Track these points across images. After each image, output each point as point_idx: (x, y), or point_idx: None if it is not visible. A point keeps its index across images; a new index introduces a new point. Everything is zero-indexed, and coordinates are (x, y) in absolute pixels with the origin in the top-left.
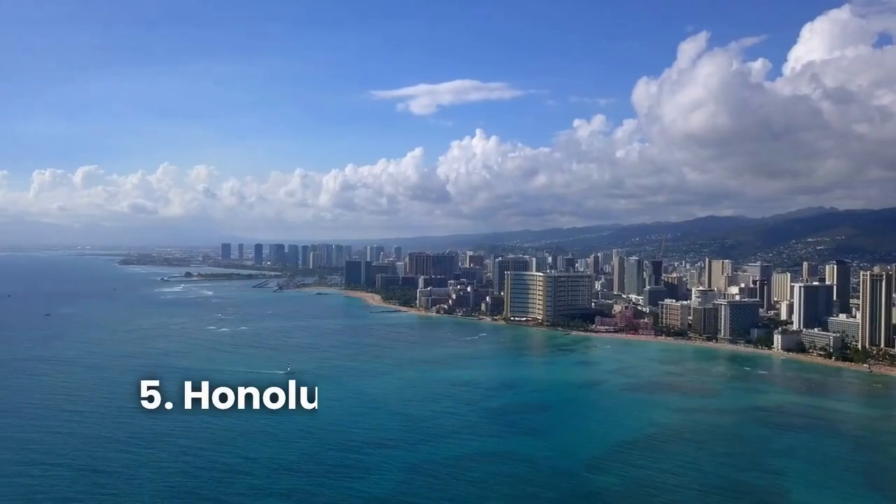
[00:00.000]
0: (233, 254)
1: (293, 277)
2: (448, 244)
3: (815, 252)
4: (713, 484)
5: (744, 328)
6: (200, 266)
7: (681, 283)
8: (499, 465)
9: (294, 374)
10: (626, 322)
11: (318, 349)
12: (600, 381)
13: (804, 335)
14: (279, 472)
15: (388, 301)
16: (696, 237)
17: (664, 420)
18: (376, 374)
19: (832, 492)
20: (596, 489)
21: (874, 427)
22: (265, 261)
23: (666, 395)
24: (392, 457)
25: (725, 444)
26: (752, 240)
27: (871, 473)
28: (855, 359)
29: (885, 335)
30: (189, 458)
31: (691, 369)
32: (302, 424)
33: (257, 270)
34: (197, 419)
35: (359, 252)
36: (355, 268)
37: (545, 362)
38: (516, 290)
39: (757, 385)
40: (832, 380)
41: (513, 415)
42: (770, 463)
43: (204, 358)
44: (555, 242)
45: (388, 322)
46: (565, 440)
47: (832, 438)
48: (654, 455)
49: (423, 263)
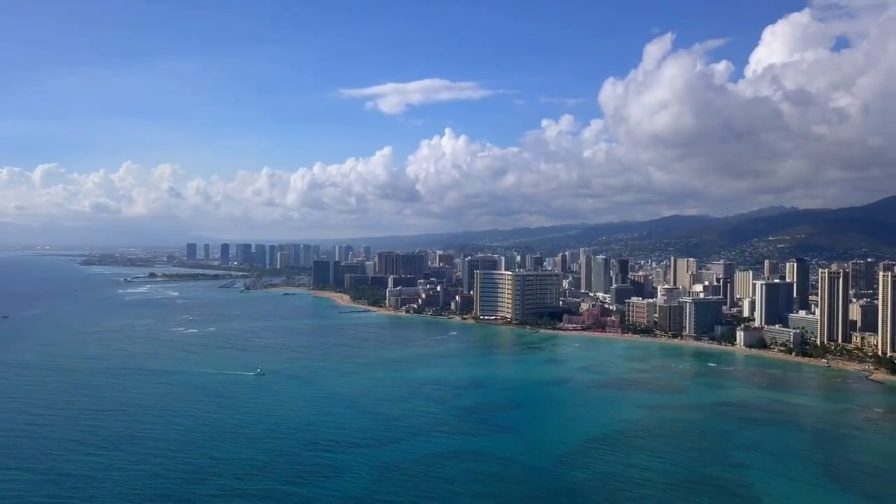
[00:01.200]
0: (199, 254)
1: (260, 278)
2: (418, 243)
3: (776, 250)
4: (680, 478)
5: (708, 325)
6: (165, 266)
7: (647, 281)
8: (470, 462)
9: (264, 374)
10: (594, 320)
11: (288, 350)
12: (569, 379)
13: (766, 332)
14: (249, 472)
15: (357, 301)
16: (661, 236)
17: (632, 416)
18: (347, 373)
19: (793, 483)
20: (566, 485)
21: (833, 420)
22: (232, 261)
23: (633, 391)
24: (363, 456)
25: (691, 438)
26: (716, 238)
27: (830, 465)
28: (814, 354)
29: (843, 331)
30: (157, 460)
31: (657, 366)
32: (272, 424)
33: (224, 271)
34: (165, 420)
35: (327, 252)
36: (324, 267)
37: (514, 360)
38: (486, 289)
39: (721, 381)
40: (792, 375)
41: (483, 413)
42: (734, 456)
43: (172, 359)
44: (523, 241)
45: (358, 322)
46: (535, 437)
47: (793, 432)
48: (623, 450)
49: (393, 263)
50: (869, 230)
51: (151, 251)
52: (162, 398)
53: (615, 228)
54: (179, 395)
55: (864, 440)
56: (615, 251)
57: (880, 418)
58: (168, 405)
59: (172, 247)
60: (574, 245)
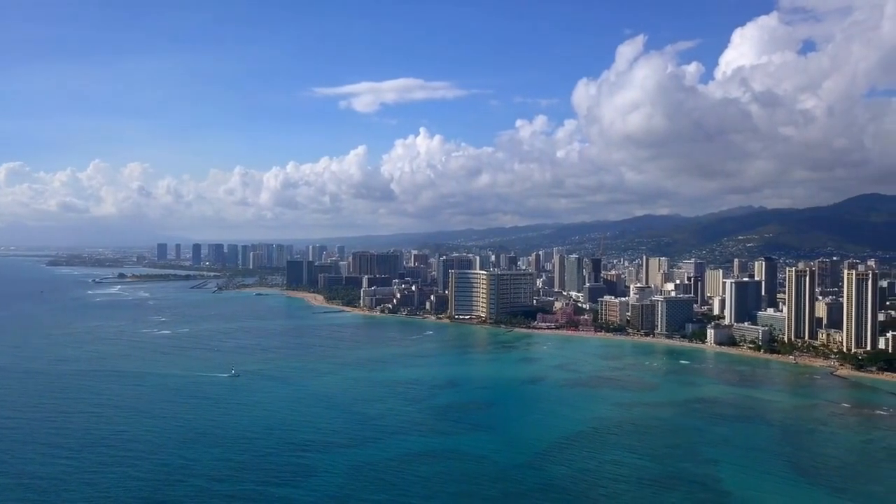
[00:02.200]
0: (169, 254)
1: (233, 278)
2: (392, 243)
3: (746, 249)
4: (653, 473)
5: (679, 323)
6: (135, 267)
7: (619, 280)
8: (445, 462)
9: (239, 376)
10: (567, 319)
11: (263, 351)
12: (543, 377)
13: (735, 329)
14: (223, 474)
15: (331, 301)
16: (633, 235)
17: (605, 414)
18: (322, 374)
19: (762, 478)
20: (540, 483)
21: (800, 415)
22: (204, 261)
23: (606, 389)
24: (339, 456)
25: (663, 435)
26: (687, 238)
27: (798, 459)
28: (782, 351)
29: (809, 328)
30: (128, 462)
31: (630, 364)
32: (247, 425)
33: (195, 271)
34: (137, 422)
35: (301, 251)
36: (297, 267)
37: (489, 359)
38: (460, 288)
39: (692, 378)
40: (761, 371)
41: (458, 412)
42: (705, 452)
43: (145, 361)
44: (498, 241)
45: (332, 322)
46: (510, 435)
47: (762, 427)
48: (596, 447)
49: (367, 263)
50: (834, 229)
51: (121, 251)
52: (134, 400)
53: (588, 228)
54: (152, 397)
55: (829, 434)
56: (588, 250)
57: (846, 413)
58: (141, 407)
59: (142, 247)
60: (548, 244)
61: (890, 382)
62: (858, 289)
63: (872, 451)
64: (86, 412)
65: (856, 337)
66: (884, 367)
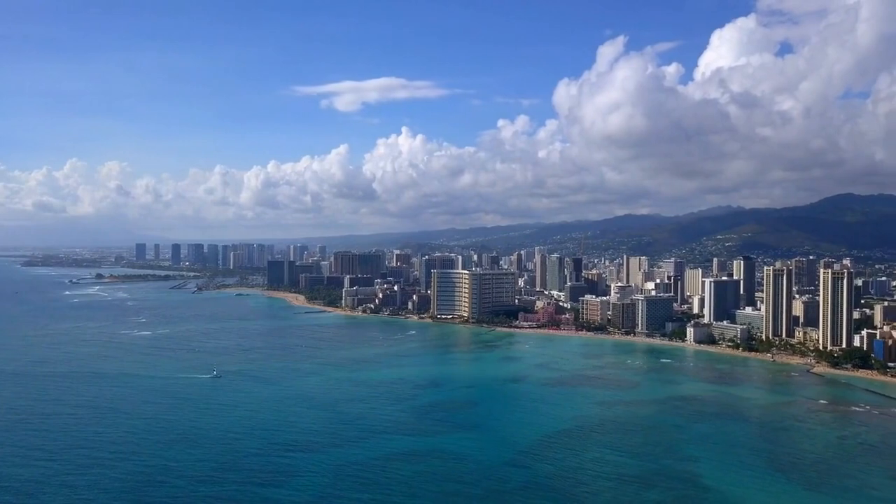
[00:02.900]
0: (148, 254)
1: (213, 278)
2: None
3: (724, 248)
4: (633, 471)
5: (659, 322)
6: (113, 267)
7: (600, 279)
8: (427, 462)
9: (221, 377)
10: (549, 318)
11: (244, 351)
12: (525, 376)
13: (714, 328)
14: (200, 479)
15: (312, 301)
16: (614, 235)
17: (586, 412)
18: (304, 374)
19: (740, 474)
20: (522, 482)
21: (777, 412)
22: (183, 261)
23: (587, 388)
24: (319, 459)
25: (644, 433)
26: (667, 237)
27: (775, 456)
28: (760, 349)
29: (786, 326)
30: (106, 466)
31: (611, 362)
32: (228, 427)
33: (175, 271)
34: (116, 425)
35: (282, 251)
36: (278, 267)
37: (471, 359)
38: (443, 288)
39: (672, 376)
40: (740, 369)
41: (441, 411)
42: (685, 449)
43: (124, 362)
44: (480, 241)
45: (314, 323)
46: (492, 435)
47: (741, 424)
48: (578, 446)
49: (349, 263)
50: (810, 229)
51: (98, 252)
52: (114, 402)
53: (569, 227)
54: (133, 398)
55: (806, 431)
56: (569, 250)
57: (822, 409)
58: (121, 409)
59: (120, 247)
60: (529, 244)
61: (864, 379)
62: (834, 287)
63: (847, 446)
64: (64, 414)
65: (831, 335)
66: (858, 364)
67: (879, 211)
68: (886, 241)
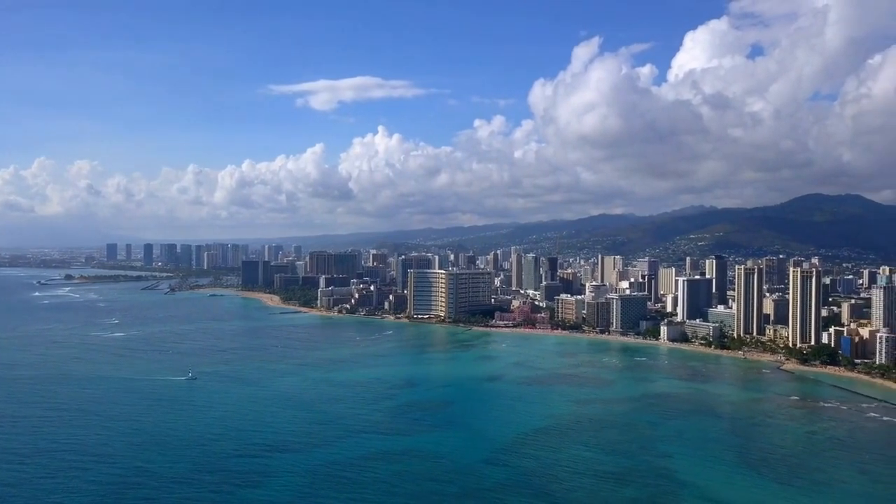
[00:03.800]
0: (120, 255)
1: (186, 279)
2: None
3: (697, 248)
4: (609, 468)
5: (633, 321)
6: (83, 268)
7: (575, 278)
8: (403, 462)
9: (197, 379)
10: (524, 317)
11: (219, 352)
12: (501, 375)
13: (687, 326)
14: (176, 481)
15: (287, 302)
16: (589, 234)
17: (561, 411)
18: (280, 375)
19: (713, 470)
20: (497, 482)
21: (749, 409)
22: (156, 262)
23: (563, 386)
24: (294, 460)
25: (618, 431)
26: (641, 236)
27: (746, 451)
28: (731, 346)
29: (757, 324)
30: (79, 469)
31: (586, 361)
32: (202, 430)
33: (147, 272)
34: (87, 429)
35: (256, 251)
36: (253, 268)
37: (447, 358)
38: (419, 287)
39: (646, 374)
40: (712, 367)
41: (417, 411)
42: (659, 446)
43: (98, 364)
44: (457, 240)
45: (289, 323)
46: (469, 434)
47: (713, 421)
48: (554, 444)
49: (325, 262)
50: (780, 228)
51: (68, 252)
52: (87, 405)
53: (545, 227)
54: (106, 401)
55: (776, 427)
56: (545, 249)
57: (792, 405)
58: (93, 412)
59: (91, 247)
60: (506, 243)
61: (832, 376)
62: (803, 286)
63: (816, 441)
64: (35, 417)
65: (801, 332)
66: (827, 360)
67: (846, 211)
68: (853, 241)
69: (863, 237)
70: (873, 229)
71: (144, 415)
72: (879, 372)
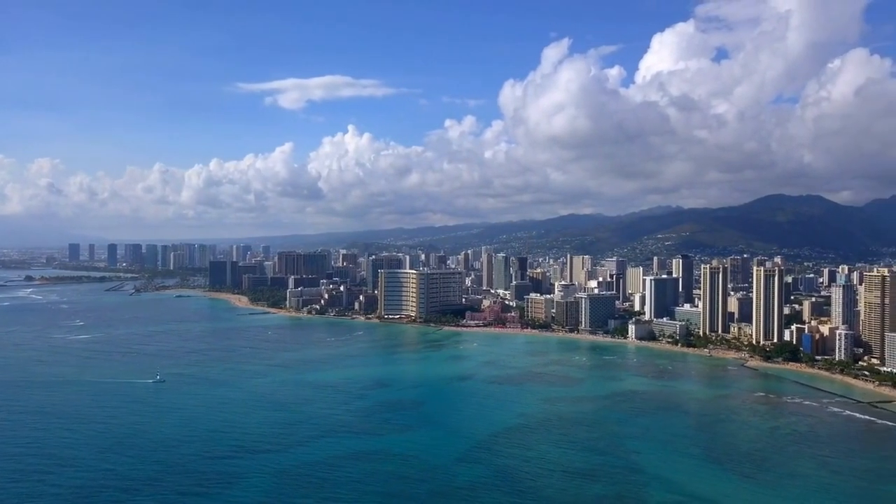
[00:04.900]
0: (82, 255)
1: (152, 279)
2: (320, 242)
3: (664, 247)
4: (577, 466)
5: (602, 319)
6: (44, 269)
7: (545, 278)
8: (373, 463)
9: (165, 381)
10: (495, 316)
11: (187, 354)
12: (471, 375)
13: (654, 324)
14: (138, 487)
15: (255, 303)
16: (558, 234)
17: (531, 410)
18: (248, 377)
19: (679, 466)
20: (467, 481)
21: (714, 405)
22: (120, 262)
23: (532, 385)
24: (264, 461)
25: (587, 428)
26: (609, 236)
27: (711, 447)
28: (697, 344)
29: (722, 322)
30: (39, 475)
31: (555, 360)
32: (168, 433)
33: (111, 273)
34: (51, 433)
35: (224, 251)
36: (220, 268)
37: (418, 358)
38: (390, 288)
39: (615, 373)
40: (679, 364)
41: (387, 412)
42: (627, 444)
43: (64, 367)
44: (428, 240)
45: (258, 324)
46: (439, 434)
47: (680, 418)
48: (522, 444)
49: (294, 263)
50: (744, 228)
51: (27, 252)
52: (50, 409)
53: (515, 227)
54: (71, 405)
55: (741, 423)
56: (515, 249)
57: (755, 401)
58: (57, 416)
59: (52, 248)
60: (476, 243)
61: (794, 372)
62: (766, 284)
63: (779, 436)
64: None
65: (764, 330)
66: (788, 357)
67: (807, 211)
68: (814, 240)
69: (823, 237)
70: (833, 229)
71: (111, 418)
72: (839, 368)
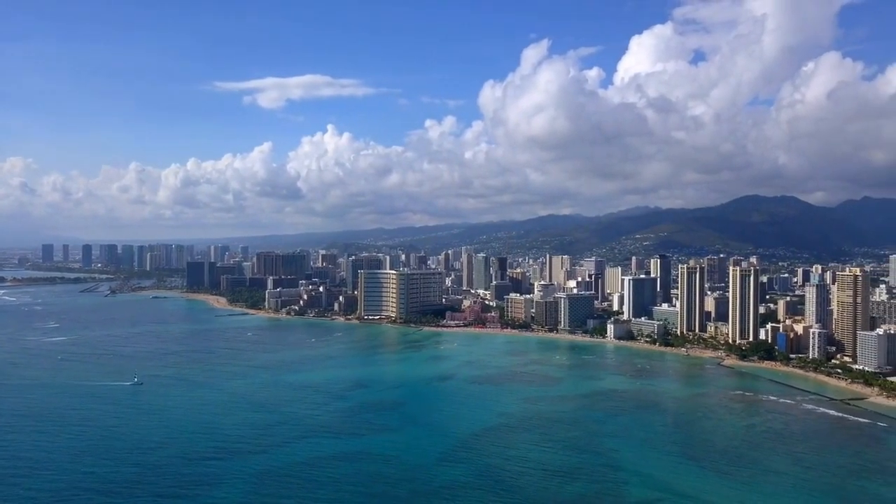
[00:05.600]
0: (56, 256)
1: (128, 280)
2: (299, 243)
3: (642, 247)
4: (555, 467)
5: (581, 319)
6: (17, 269)
7: (524, 278)
8: (353, 464)
9: (143, 383)
10: (475, 316)
11: (164, 356)
12: (451, 375)
13: (633, 324)
14: (113, 491)
15: (234, 304)
16: (538, 234)
17: (510, 409)
18: (227, 379)
19: (657, 463)
20: (447, 481)
21: (691, 404)
22: (95, 263)
23: (512, 385)
24: (243, 464)
25: (566, 428)
26: (588, 236)
27: (688, 446)
28: (675, 344)
29: (700, 321)
30: (12, 480)
31: (535, 359)
32: (145, 435)
33: (86, 273)
34: (25, 437)
35: (202, 252)
36: (198, 269)
37: (398, 359)
38: (370, 288)
39: (594, 372)
40: (657, 364)
41: (367, 413)
42: (605, 442)
43: (39, 370)
44: (408, 240)
45: (237, 325)
46: (419, 434)
47: (657, 416)
48: (502, 443)
49: (273, 263)
50: (721, 228)
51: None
52: (24, 412)
53: (495, 227)
54: (45, 408)
55: (717, 421)
56: (495, 249)
57: (731, 400)
58: (31, 420)
59: (25, 248)
60: (457, 244)
61: (769, 370)
62: (742, 284)
63: (754, 434)
64: None
65: (740, 329)
66: (764, 356)
67: (782, 212)
68: (789, 240)
69: (797, 237)
70: (807, 229)
71: (87, 420)
72: (812, 366)
